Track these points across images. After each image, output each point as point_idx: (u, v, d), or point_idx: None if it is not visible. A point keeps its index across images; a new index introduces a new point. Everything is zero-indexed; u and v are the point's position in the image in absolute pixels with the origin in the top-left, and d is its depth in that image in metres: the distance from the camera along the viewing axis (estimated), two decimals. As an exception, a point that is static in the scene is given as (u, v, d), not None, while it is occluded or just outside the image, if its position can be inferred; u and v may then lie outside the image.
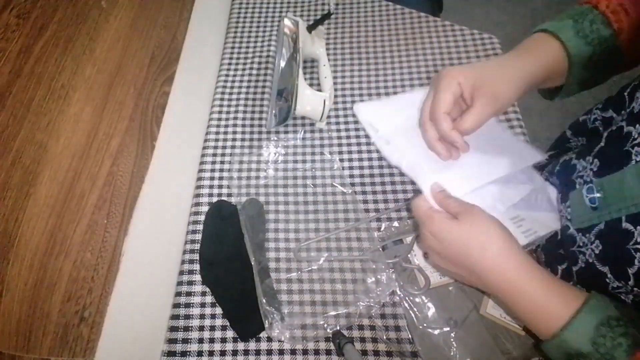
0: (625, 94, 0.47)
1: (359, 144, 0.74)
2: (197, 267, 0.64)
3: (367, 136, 0.75)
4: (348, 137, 0.75)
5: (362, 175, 0.71)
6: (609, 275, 0.43)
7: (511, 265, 0.40)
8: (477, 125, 0.47)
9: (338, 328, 0.58)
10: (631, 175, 0.40)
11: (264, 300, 0.58)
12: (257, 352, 0.58)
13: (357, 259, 0.63)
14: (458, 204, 0.46)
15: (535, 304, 0.39)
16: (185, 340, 0.58)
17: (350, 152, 0.74)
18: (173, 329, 0.59)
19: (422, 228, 0.47)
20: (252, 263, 0.61)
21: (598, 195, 0.44)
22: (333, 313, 0.59)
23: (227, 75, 0.84)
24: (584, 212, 0.46)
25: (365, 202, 0.69)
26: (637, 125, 0.41)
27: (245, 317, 0.58)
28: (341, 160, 0.73)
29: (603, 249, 0.43)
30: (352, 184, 0.70)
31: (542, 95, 0.58)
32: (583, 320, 0.37)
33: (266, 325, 0.57)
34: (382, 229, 0.65)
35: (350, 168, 0.72)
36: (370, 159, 0.73)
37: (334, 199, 0.69)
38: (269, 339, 0.58)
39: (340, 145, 0.75)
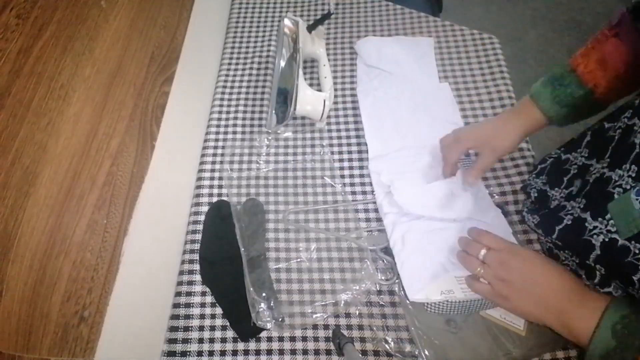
0: None
1: (358, 144, 0.74)
2: (197, 267, 0.64)
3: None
4: (348, 137, 0.75)
5: (351, 168, 0.72)
6: None
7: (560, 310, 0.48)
8: (480, 174, 0.63)
9: (326, 316, 0.59)
10: None
11: (252, 290, 0.59)
12: (257, 352, 0.58)
13: (340, 236, 0.65)
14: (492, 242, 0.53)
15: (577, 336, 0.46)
16: (185, 340, 0.58)
17: (350, 152, 0.74)
18: (173, 329, 0.59)
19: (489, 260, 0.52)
20: (242, 253, 0.62)
21: None
22: (321, 302, 0.60)
23: (227, 75, 0.84)
24: (633, 219, 0.44)
25: (354, 193, 0.70)
26: None
27: (245, 317, 0.58)
28: (341, 160, 0.73)
29: None
30: (342, 176, 0.71)
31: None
32: (591, 356, 0.44)
33: (253, 315, 0.57)
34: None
35: (351, 167, 0.72)
36: (366, 159, 0.73)
37: (323, 191, 0.70)
38: (269, 339, 0.58)
39: (340, 145, 0.75)
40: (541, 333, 0.54)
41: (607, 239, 0.47)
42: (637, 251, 0.44)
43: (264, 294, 0.59)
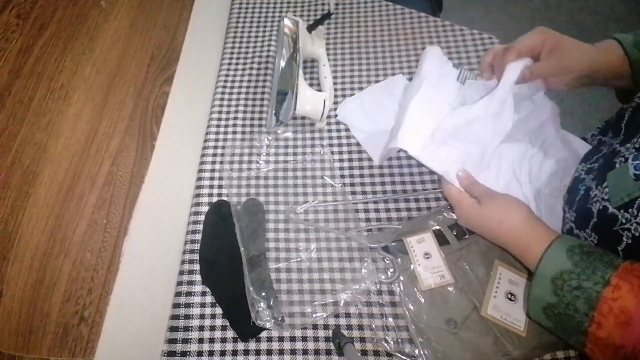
0: None
1: (358, 144, 0.74)
2: (197, 267, 0.64)
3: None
4: (348, 137, 0.75)
5: (351, 168, 0.72)
6: None
7: (521, 234, 0.52)
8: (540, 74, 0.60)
9: (326, 315, 0.59)
10: None
11: (251, 289, 0.59)
12: (257, 352, 0.58)
13: (341, 234, 0.65)
14: (480, 190, 0.58)
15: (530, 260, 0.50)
16: (185, 340, 0.58)
17: (350, 152, 0.74)
18: (173, 329, 0.59)
19: (455, 209, 0.61)
20: (242, 252, 0.62)
21: None
22: (321, 302, 0.60)
23: (227, 75, 0.84)
24: (626, 186, 0.47)
25: (354, 193, 0.70)
26: None
27: (245, 317, 0.58)
28: (341, 160, 0.73)
29: None
30: (342, 176, 0.71)
31: (619, 99, 0.63)
32: (541, 275, 0.46)
33: (252, 314, 0.57)
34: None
35: (351, 167, 0.72)
36: (366, 159, 0.73)
37: (323, 191, 0.70)
38: (269, 339, 0.58)
39: (340, 145, 0.75)
40: (541, 334, 0.54)
41: (601, 207, 0.50)
42: (624, 220, 0.46)
43: (263, 294, 0.59)
